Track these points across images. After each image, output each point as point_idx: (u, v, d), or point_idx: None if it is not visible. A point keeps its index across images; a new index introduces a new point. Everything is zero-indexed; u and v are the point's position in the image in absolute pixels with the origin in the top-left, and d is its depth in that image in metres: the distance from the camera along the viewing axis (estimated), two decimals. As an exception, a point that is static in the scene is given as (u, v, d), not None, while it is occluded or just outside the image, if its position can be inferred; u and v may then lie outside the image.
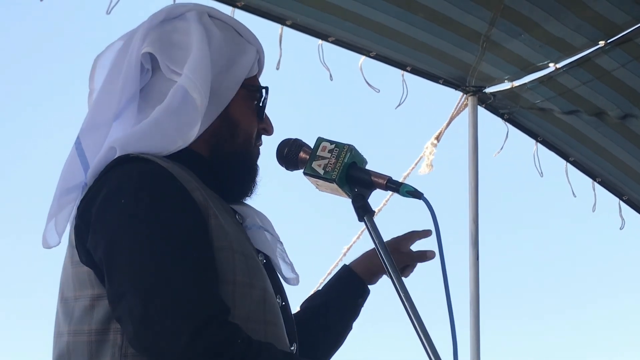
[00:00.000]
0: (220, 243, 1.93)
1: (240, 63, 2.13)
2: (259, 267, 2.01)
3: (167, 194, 1.92)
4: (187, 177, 1.97)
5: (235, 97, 2.12)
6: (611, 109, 5.12)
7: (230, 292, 1.90)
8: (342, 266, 2.42)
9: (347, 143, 2.06)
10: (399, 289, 1.96)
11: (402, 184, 2.01)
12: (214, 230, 1.93)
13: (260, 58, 2.21)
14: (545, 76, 4.98)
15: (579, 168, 5.65)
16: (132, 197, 1.90)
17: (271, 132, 2.20)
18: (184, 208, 1.91)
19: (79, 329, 1.95)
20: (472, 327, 4.87)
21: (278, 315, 2.01)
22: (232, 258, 1.93)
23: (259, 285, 1.97)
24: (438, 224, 1.96)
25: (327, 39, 4.61)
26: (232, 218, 2.06)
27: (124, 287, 1.85)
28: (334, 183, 2.03)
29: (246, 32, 2.20)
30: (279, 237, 2.19)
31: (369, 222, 1.99)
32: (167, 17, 2.12)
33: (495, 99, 5.18)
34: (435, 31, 4.64)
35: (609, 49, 4.73)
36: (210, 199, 1.99)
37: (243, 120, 2.13)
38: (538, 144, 5.49)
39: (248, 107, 2.15)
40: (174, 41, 2.08)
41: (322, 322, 2.35)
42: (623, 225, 5.85)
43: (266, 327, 1.95)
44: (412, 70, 4.95)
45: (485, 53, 4.78)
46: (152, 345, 1.81)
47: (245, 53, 2.15)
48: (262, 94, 2.17)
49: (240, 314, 1.90)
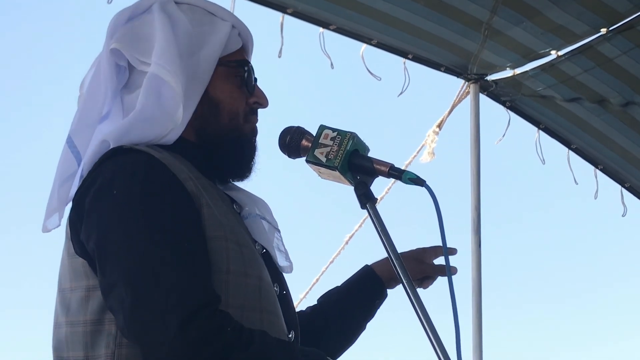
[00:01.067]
0: (213, 232, 1.93)
1: (212, 42, 2.12)
2: (254, 256, 2.01)
3: (158, 184, 1.93)
4: (180, 166, 1.98)
5: (215, 77, 2.12)
6: (613, 97, 5.11)
7: (224, 281, 1.91)
8: (364, 266, 2.42)
9: (349, 131, 2.05)
10: (402, 277, 1.95)
11: (405, 171, 2.01)
12: (207, 219, 1.94)
13: (241, 32, 2.19)
14: (547, 64, 4.97)
15: (581, 155, 5.65)
16: (123, 188, 1.91)
17: (265, 103, 2.18)
18: (175, 198, 1.92)
19: (76, 320, 1.97)
20: (474, 314, 4.88)
21: (275, 304, 2.01)
22: (226, 247, 1.94)
23: (254, 274, 1.97)
24: (440, 211, 1.95)
25: (329, 27, 4.61)
26: (228, 207, 2.06)
27: (114, 277, 1.86)
28: (336, 171, 2.02)
29: (218, 10, 2.19)
30: (277, 224, 2.18)
31: (371, 210, 1.99)
32: (134, 14, 2.14)
33: (497, 87, 5.17)
34: (436, 19, 4.63)
35: (610, 37, 4.72)
36: (205, 188, 1.99)
37: (224, 98, 2.12)
38: (540, 131, 5.49)
39: (230, 84, 2.14)
40: (140, 35, 2.10)
41: (337, 318, 2.35)
42: (625, 212, 5.86)
43: (262, 315, 1.96)
44: (414, 58, 4.94)
45: (487, 41, 4.78)
46: (142, 334, 1.83)
47: (216, 31, 2.14)
48: (245, 68, 2.16)
49: (235, 303, 1.91)
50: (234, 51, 2.17)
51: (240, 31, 2.20)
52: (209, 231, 1.93)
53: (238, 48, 2.18)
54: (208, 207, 1.95)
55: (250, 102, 2.16)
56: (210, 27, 2.14)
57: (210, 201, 1.97)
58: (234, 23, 2.18)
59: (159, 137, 2.03)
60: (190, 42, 2.10)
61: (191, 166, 2.03)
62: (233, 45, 2.17)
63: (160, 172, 1.94)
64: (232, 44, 2.16)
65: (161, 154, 1.99)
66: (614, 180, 5.80)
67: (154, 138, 2.03)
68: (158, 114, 2.03)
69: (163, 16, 2.10)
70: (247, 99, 2.16)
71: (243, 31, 2.20)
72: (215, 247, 1.93)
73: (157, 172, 1.94)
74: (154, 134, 2.02)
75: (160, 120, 2.03)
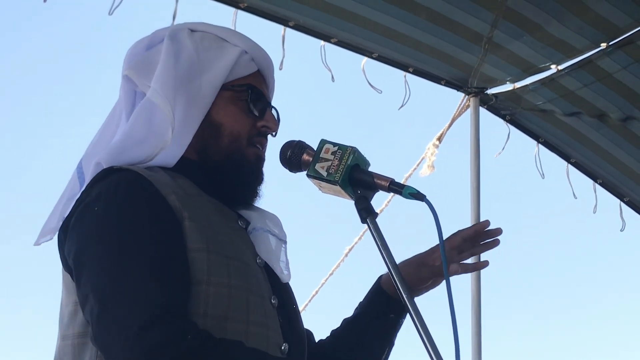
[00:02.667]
0: (194, 245, 1.96)
1: (216, 67, 2.15)
2: (246, 268, 2.03)
3: (137, 198, 1.97)
4: (166, 181, 2.02)
5: (218, 100, 2.15)
6: (612, 111, 5.13)
7: (203, 292, 1.94)
8: (378, 278, 2.36)
9: (350, 145, 2.06)
10: (402, 291, 1.96)
11: (405, 186, 2.02)
12: (188, 232, 1.96)
13: (255, 57, 2.20)
14: (547, 78, 4.99)
15: (580, 169, 5.65)
16: (104, 205, 1.97)
17: (273, 127, 2.19)
18: (152, 211, 1.96)
19: (66, 334, 2.02)
20: (474, 326, 4.88)
21: (265, 316, 2.02)
22: (207, 259, 1.96)
23: (240, 285, 1.98)
24: (440, 226, 1.96)
25: (330, 40, 4.62)
26: (229, 222, 2.09)
27: (87, 289, 1.91)
28: (337, 185, 2.03)
29: (230, 35, 2.22)
30: (285, 235, 2.19)
31: (371, 224, 1.99)
32: (151, 44, 2.20)
33: (497, 101, 5.18)
34: (437, 32, 4.65)
35: (610, 51, 4.73)
36: (192, 202, 2.02)
37: (227, 121, 2.14)
38: (539, 145, 5.50)
39: (235, 107, 2.16)
40: (149, 62, 2.16)
41: (357, 337, 2.32)
42: (624, 227, 5.86)
43: (247, 326, 1.97)
44: (415, 72, 4.95)
45: (487, 54, 4.79)
46: (106, 343, 1.87)
47: (223, 57, 2.17)
48: (250, 92, 2.17)
49: (214, 313, 1.93)
50: (245, 76, 2.19)
51: (255, 56, 2.21)
52: (190, 243, 1.96)
53: (250, 73, 2.20)
54: (191, 220, 1.98)
55: (258, 125, 2.17)
56: (217, 53, 2.18)
57: (197, 215, 2.00)
58: (247, 48, 2.20)
59: (149, 157, 2.07)
60: (190, 68, 2.14)
61: (191, 184, 2.07)
62: (243, 70, 2.19)
63: (141, 187, 1.98)
64: (242, 68, 2.19)
65: (152, 171, 2.03)
66: (613, 194, 5.81)
67: (145, 158, 2.07)
68: (144, 136, 2.08)
69: (169, 44, 2.15)
70: (256, 123, 2.18)
71: (257, 56, 2.22)
72: (195, 258, 1.95)
73: (138, 188, 1.98)
74: (144, 154, 2.07)
75: (148, 143, 2.07)
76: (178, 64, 2.13)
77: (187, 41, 2.17)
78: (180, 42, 2.17)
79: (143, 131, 2.08)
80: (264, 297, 2.03)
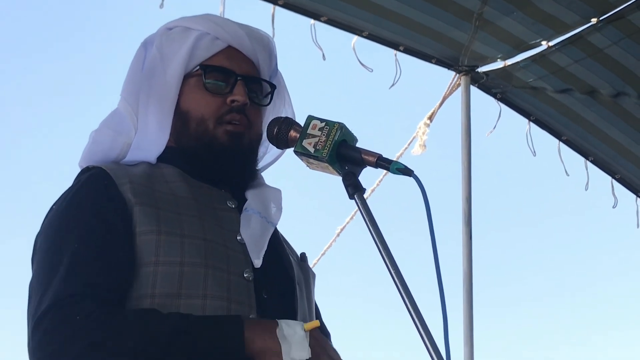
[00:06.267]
0: (143, 228, 2.01)
1: (175, 59, 2.17)
2: (209, 245, 2.04)
3: (86, 192, 2.06)
4: (129, 174, 2.08)
5: (185, 88, 2.17)
6: (603, 87, 5.11)
7: (151, 273, 1.99)
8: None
9: (337, 121, 2.05)
10: (391, 269, 1.94)
11: (393, 161, 2.00)
12: (138, 217, 2.02)
13: (220, 35, 2.18)
14: (538, 54, 4.97)
15: (572, 147, 5.65)
16: (60, 201, 2.08)
17: (240, 100, 2.15)
18: (95, 201, 2.03)
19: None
20: (465, 306, 4.87)
21: (230, 290, 2.02)
22: (156, 240, 2.00)
23: (198, 262, 2.01)
24: (428, 201, 1.94)
25: (320, 19, 4.60)
26: (215, 203, 2.11)
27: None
28: (324, 161, 2.02)
29: (195, 22, 2.21)
30: (276, 218, 2.19)
31: (359, 200, 1.98)
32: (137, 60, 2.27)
33: (488, 79, 5.17)
34: (427, 10, 4.62)
35: (601, 27, 4.72)
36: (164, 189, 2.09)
37: (192, 107, 2.16)
38: (531, 123, 5.49)
39: (200, 91, 2.16)
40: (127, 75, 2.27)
41: None
42: (616, 204, 5.87)
43: (206, 301, 1.99)
44: (405, 50, 4.94)
45: (478, 32, 4.77)
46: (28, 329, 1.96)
47: (182, 45, 2.18)
48: (204, 72, 2.16)
49: (164, 292, 1.98)
50: (209, 57, 2.18)
51: (219, 34, 2.19)
52: (139, 227, 2.01)
53: (217, 52, 2.18)
54: (142, 205, 2.03)
55: (228, 102, 2.16)
56: (179, 43, 2.19)
57: (155, 200, 2.05)
58: (208, 29, 2.19)
59: (114, 154, 2.17)
60: (154, 66, 2.18)
61: (176, 172, 2.14)
62: (205, 52, 2.18)
63: (96, 180, 2.07)
64: (204, 51, 2.18)
65: (115, 165, 2.13)
66: (604, 171, 5.81)
67: (113, 155, 2.17)
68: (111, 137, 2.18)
69: (140, 50, 2.25)
70: (226, 100, 2.16)
71: (222, 33, 2.19)
72: (144, 240, 2.00)
73: (93, 181, 2.07)
74: (110, 150, 2.18)
75: (111, 137, 2.18)
76: (144, 66, 2.20)
77: (156, 41, 2.21)
78: (150, 45, 2.22)
79: (107, 133, 2.19)
80: (230, 273, 2.04)
